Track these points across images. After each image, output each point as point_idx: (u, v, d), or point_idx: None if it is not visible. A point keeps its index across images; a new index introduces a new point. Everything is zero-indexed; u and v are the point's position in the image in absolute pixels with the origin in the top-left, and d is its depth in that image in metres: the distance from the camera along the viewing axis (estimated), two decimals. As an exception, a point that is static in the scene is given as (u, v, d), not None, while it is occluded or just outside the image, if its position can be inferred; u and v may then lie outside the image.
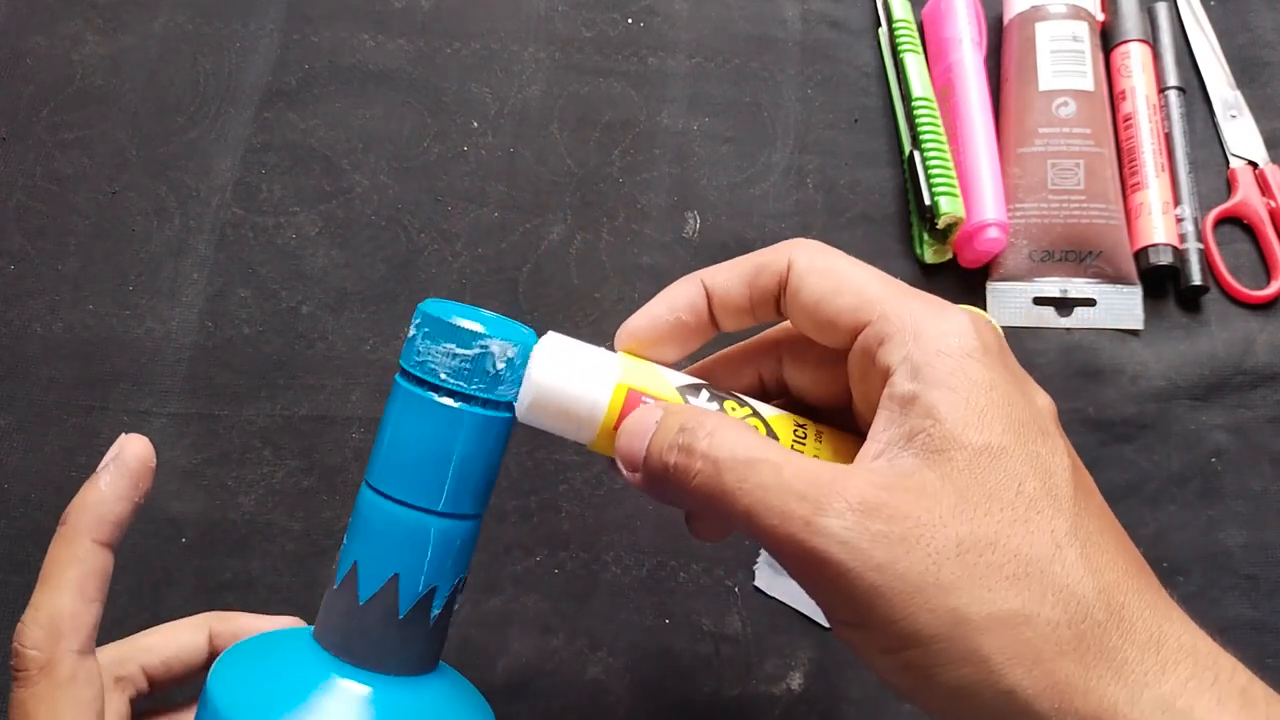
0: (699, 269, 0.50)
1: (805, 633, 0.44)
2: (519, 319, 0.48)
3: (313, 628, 0.31)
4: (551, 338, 0.31)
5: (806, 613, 0.44)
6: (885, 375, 0.27)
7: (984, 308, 0.49)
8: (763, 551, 0.44)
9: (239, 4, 0.55)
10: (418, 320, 0.30)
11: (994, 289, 0.50)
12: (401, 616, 0.30)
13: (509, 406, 0.30)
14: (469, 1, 0.56)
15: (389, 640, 0.30)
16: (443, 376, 0.29)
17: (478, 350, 0.29)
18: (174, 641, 0.33)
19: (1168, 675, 0.24)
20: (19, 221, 0.49)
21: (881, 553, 0.24)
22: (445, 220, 0.51)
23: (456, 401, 0.30)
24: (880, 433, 0.26)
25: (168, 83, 0.53)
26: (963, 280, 0.50)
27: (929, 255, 0.50)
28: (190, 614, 0.34)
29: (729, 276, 0.30)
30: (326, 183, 0.51)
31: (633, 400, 0.30)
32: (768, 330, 0.33)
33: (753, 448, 0.26)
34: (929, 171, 0.49)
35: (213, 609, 0.35)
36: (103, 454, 0.45)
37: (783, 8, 0.56)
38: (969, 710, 0.24)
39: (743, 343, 0.33)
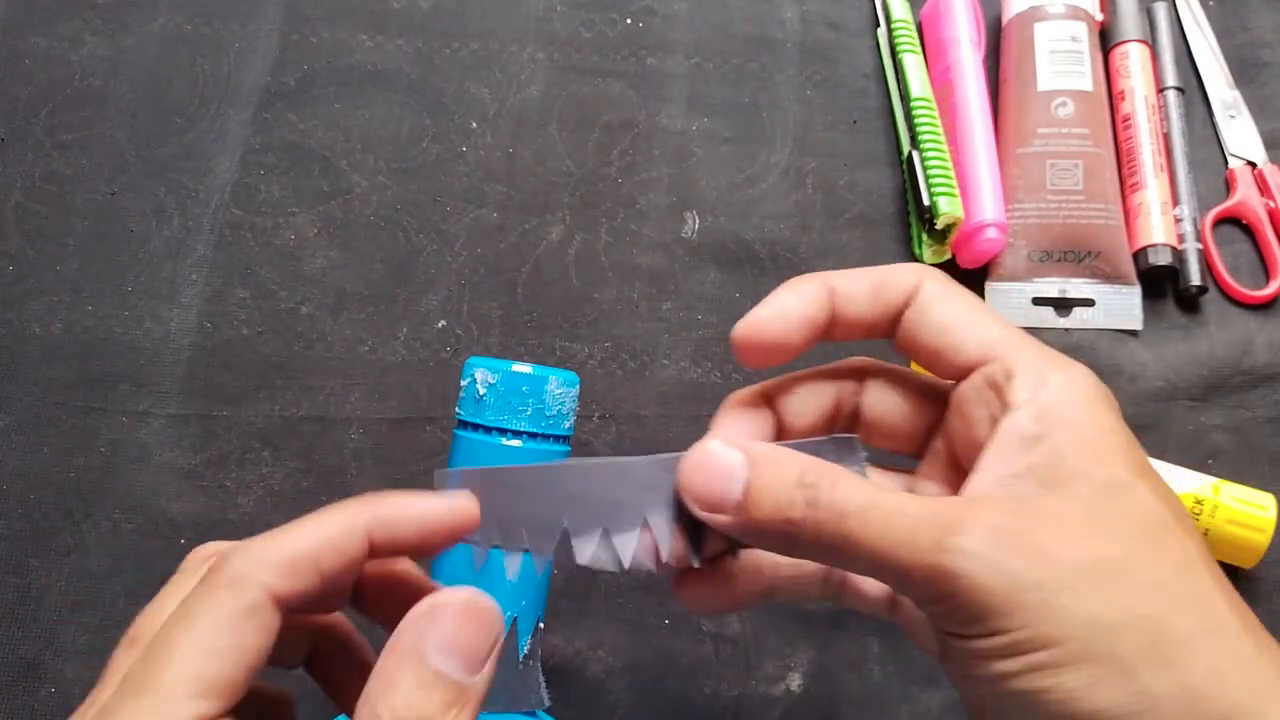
0: (698, 269, 0.50)
1: (805, 633, 0.44)
2: (518, 319, 0.49)
3: None
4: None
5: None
6: (1001, 409, 0.28)
7: (983, 308, 0.49)
8: None
9: (238, 5, 0.55)
10: (475, 375, 0.33)
11: (993, 289, 0.50)
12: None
13: (565, 439, 0.34)
14: (467, 2, 0.56)
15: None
16: (509, 420, 0.33)
17: (541, 392, 0.33)
18: (331, 552, 0.25)
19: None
20: (18, 222, 0.49)
21: (1015, 564, 0.24)
22: (444, 221, 0.51)
23: (522, 441, 0.33)
24: (994, 464, 0.27)
25: (166, 84, 0.53)
26: (962, 281, 0.50)
27: (928, 256, 0.50)
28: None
29: (854, 283, 0.31)
30: (325, 183, 0.51)
31: None
32: (856, 358, 0.33)
33: (873, 493, 0.26)
34: (928, 172, 0.49)
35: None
36: (102, 455, 0.45)
37: (782, 8, 0.56)
38: (1094, 713, 0.24)
39: (825, 366, 0.33)
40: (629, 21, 0.56)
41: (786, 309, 0.30)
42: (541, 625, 0.33)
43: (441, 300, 0.49)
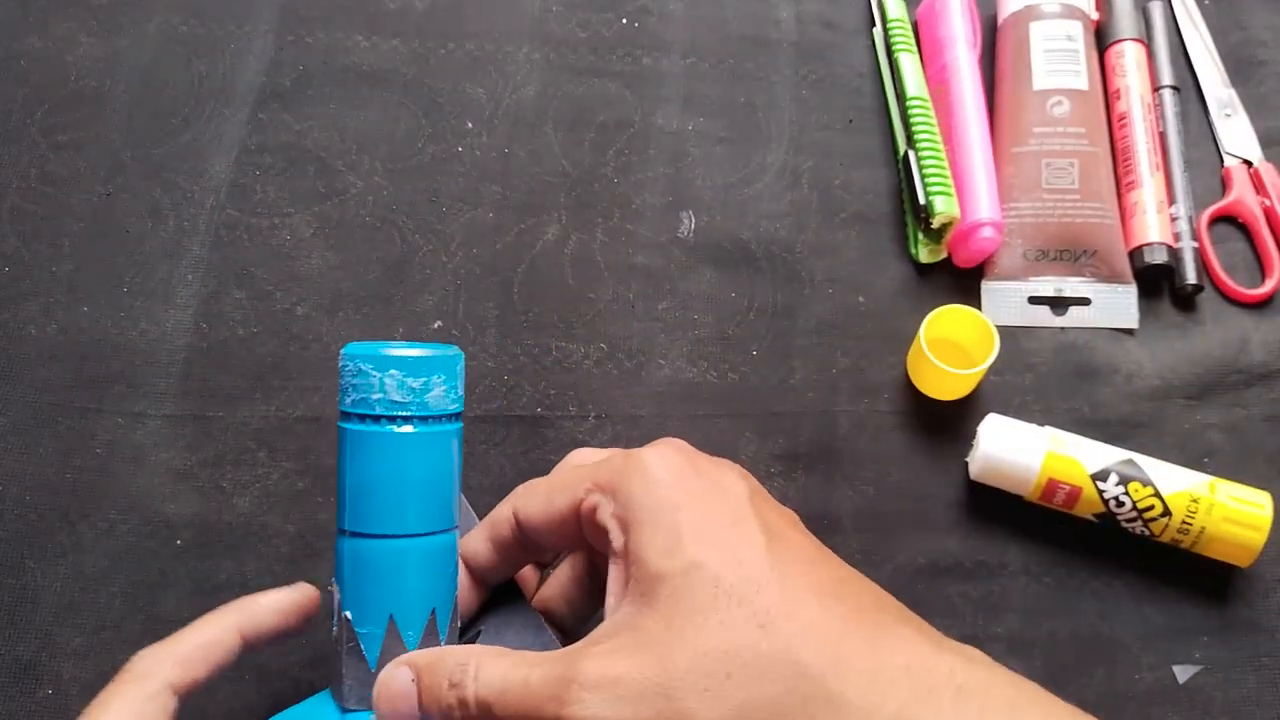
0: (694, 269, 0.50)
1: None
2: (514, 320, 0.49)
3: (330, 691, 0.33)
4: (993, 418, 0.45)
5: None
6: (606, 535, 0.30)
7: (979, 307, 0.49)
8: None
9: (233, 5, 0.55)
10: (353, 363, 0.31)
11: (989, 288, 0.50)
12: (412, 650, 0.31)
13: (455, 418, 0.33)
14: (463, 2, 0.56)
15: None
16: (396, 405, 0.31)
17: (424, 375, 0.31)
18: (214, 648, 0.34)
19: (889, 699, 0.26)
20: (13, 223, 0.49)
21: (623, 711, 0.27)
22: (440, 221, 0.51)
23: (414, 426, 0.32)
24: (613, 585, 0.30)
25: (162, 84, 0.53)
26: (957, 280, 0.50)
27: (924, 255, 0.50)
28: (186, 618, 0.34)
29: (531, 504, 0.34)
30: (321, 184, 0.51)
31: (1053, 483, 0.43)
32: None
33: (508, 674, 0.29)
34: (924, 171, 0.49)
35: (209, 611, 0.34)
36: (97, 456, 0.45)
37: (777, 8, 0.56)
38: None
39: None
40: (624, 21, 0.56)
41: (475, 548, 0.35)
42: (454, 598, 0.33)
43: (437, 300, 0.49)
